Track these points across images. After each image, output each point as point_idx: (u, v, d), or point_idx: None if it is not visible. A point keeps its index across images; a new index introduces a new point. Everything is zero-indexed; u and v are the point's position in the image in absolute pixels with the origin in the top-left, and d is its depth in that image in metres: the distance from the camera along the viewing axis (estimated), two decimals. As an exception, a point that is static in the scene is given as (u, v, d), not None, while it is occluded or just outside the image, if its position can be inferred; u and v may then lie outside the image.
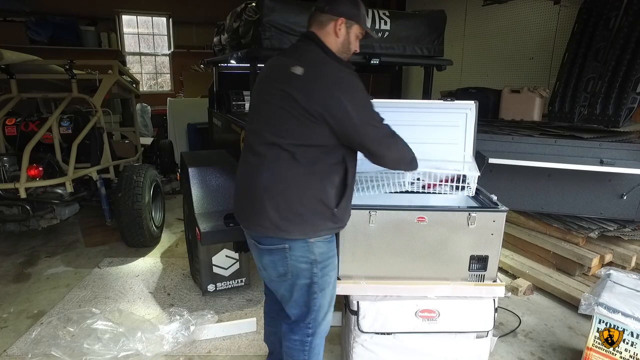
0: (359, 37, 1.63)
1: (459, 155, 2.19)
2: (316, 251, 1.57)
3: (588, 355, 2.05)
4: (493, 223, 1.80)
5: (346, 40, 1.59)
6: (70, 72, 3.62)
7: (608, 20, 3.44)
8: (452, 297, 1.88)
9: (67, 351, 2.25)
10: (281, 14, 2.38)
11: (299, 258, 1.56)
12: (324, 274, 1.61)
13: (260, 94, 1.60)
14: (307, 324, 1.66)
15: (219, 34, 3.40)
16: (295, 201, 1.49)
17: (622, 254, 2.91)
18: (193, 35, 7.70)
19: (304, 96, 1.43)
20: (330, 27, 1.55)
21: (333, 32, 1.56)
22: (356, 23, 1.58)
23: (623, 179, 2.91)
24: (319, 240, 1.56)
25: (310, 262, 1.57)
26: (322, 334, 1.72)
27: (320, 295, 1.62)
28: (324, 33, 1.56)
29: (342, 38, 1.58)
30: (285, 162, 1.48)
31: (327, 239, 1.60)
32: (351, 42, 1.60)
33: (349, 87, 1.46)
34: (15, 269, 3.30)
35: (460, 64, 5.35)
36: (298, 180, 1.48)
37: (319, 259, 1.58)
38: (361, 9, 1.59)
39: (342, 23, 1.55)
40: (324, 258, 1.59)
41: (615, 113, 3.23)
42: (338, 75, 1.47)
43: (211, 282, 2.76)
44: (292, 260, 1.56)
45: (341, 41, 1.58)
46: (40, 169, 3.09)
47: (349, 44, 1.60)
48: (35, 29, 6.55)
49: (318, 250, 1.57)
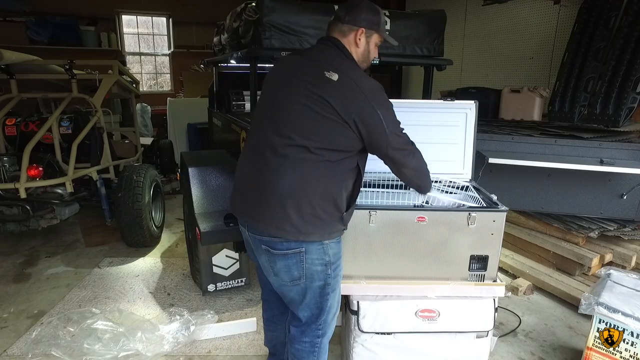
0: (377, 45, 1.66)
1: (459, 155, 2.19)
2: (330, 252, 1.58)
3: (588, 355, 2.06)
4: (493, 223, 1.80)
5: (366, 49, 1.62)
6: (70, 72, 3.62)
7: (608, 20, 3.43)
8: (452, 297, 1.88)
9: (67, 351, 2.25)
10: (281, 14, 2.37)
11: (315, 260, 1.55)
12: (336, 274, 1.63)
13: (288, 94, 1.53)
14: (318, 325, 1.67)
15: (218, 33, 3.40)
16: (318, 204, 1.48)
17: (622, 253, 2.91)
18: (193, 35, 7.70)
19: (340, 102, 1.45)
20: (351, 37, 1.58)
21: (354, 41, 1.59)
22: (376, 32, 1.60)
23: (623, 179, 2.91)
24: (332, 242, 1.58)
25: (325, 264, 1.57)
26: (330, 333, 1.74)
27: (332, 296, 1.64)
28: (346, 42, 1.59)
29: (362, 48, 1.61)
30: (311, 164, 1.47)
31: (338, 240, 1.62)
32: (370, 51, 1.63)
33: (383, 99, 1.51)
34: (15, 269, 3.30)
35: (460, 64, 5.35)
36: (321, 183, 1.48)
37: (332, 260, 1.59)
38: (381, 16, 1.60)
39: (362, 33, 1.57)
40: (336, 258, 1.61)
41: (615, 113, 3.23)
42: (372, 85, 1.50)
43: (211, 282, 2.76)
44: (308, 263, 1.54)
45: (361, 51, 1.61)
46: (40, 169, 3.09)
47: (369, 53, 1.63)
48: (35, 29, 6.55)
49: (332, 251, 1.58)
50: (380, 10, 1.62)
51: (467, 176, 2.20)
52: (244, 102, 3.72)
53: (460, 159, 2.19)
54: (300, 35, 2.41)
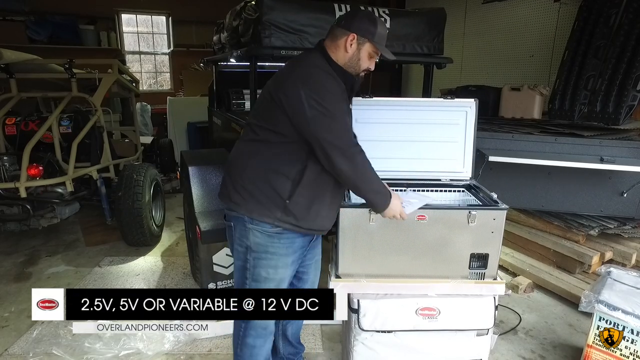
0: (373, 56, 1.62)
1: (459, 154, 2.19)
2: (251, 239, 1.59)
3: (588, 353, 2.06)
4: (493, 221, 1.80)
5: (355, 56, 1.58)
6: (69, 72, 3.62)
7: (608, 18, 3.43)
8: (452, 295, 1.88)
9: (68, 350, 2.26)
10: (281, 12, 2.37)
11: (237, 240, 1.64)
12: (257, 266, 1.62)
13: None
14: None
15: (218, 32, 3.39)
16: (249, 178, 1.58)
17: (622, 251, 2.91)
18: (193, 34, 7.68)
19: (275, 84, 1.55)
20: (341, 41, 1.57)
21: (343, 46, 1.57)
22: (369, 42, 1.57)
23: (623, 177, 2.91)
24: (258, 229, 1.58)
25: (245, 247, 1.62)
26: (257, 332, 1.70)
27: (252, 285, 1.65)
28: (334, 45, 1.59)
29: (351, 54, 1.58)
30: (251, 142, 1.61)
31: (269, 232, 1.58)
32: (361, 59, 1.60)
33: (314, 83, 1.49)
34: (16, 269, 3.31)
35: (460, 62, 5.34)
36: (256, 159, 1.57)
37: (253, 248, 1.60)
38: (378, 28, 1.58)
39: (353, 39, 1.56)
40: (259, 249, 1.60)
41: (616, 111, 3.22)
42: (310, 71, 1.52)
43: (212, 281, 2.76)
44: (234, 239, 1.65)
45: (349, 56, 1.59)
46: (40, 169, 3.09)
47: (358, 61, 1.60)
48: (35, 28, 6.54)
49: (254, 238, 1.59)
50: (381, 23, 1.60)
51: (467, 174, 2.20)
52: (243, 101, 3.72)
53: (461, 157, 2.19)
54: (300, 33, 2.41)
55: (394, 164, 2.13)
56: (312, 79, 1.50)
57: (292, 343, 2.03)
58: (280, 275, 1.66)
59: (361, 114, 2.11)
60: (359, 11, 1.68)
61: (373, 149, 1.68)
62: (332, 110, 1.48)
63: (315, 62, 1.57)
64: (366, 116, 2.12)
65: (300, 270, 1.83)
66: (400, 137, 2.15)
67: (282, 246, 1.62)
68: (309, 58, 1.61)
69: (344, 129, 1.52)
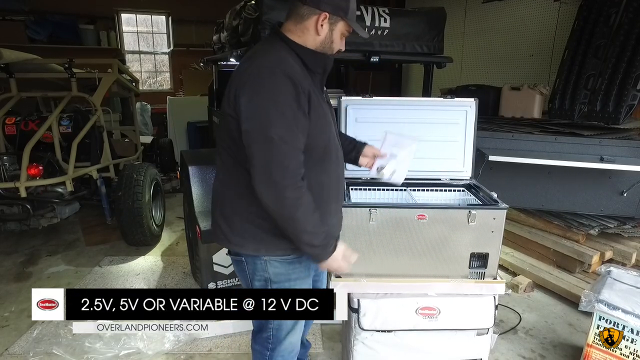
0: (345, 35, 1.39)
1: (459, 153, 2.19)
2: (271, 270, 1.43)
3: (588, 352, 2.06)
4: (493, 221, 1.80)
5: (328, 38, 1.35)
6: (69, 71, 3.62)
7: (608, 17, 3.43)
8: (452, 295, 1.88)
9: (68, 350, 2.26)
10: (281, 12, 2.36)
11: (253, 274, 1.47)
12: None
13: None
14: (266, 338, 1.56)
15: (218, 32, 3.39)
16: (242, 215, 1.38)
17: (622, 251, 2.91)
18: (192, 33, 7.69)
19: (228, 91, 1.33)
20: (310, 22, 1.32)
21: (313, 28, 1.32)
22: (342, 19, 1.33)
23: (623, 176, 2.91)
24: (275, 259, 1.42)
25: (265, 280, 1.46)
26: (285, 353, 1.60)
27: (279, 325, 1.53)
28: (300, 28, 1.33)
29: (324, 36, 1.34)
30: (229, 167, 1.38)
31: (285, 259, 1.44)
32: (334, 41, 1.36)
33: (259, 86, 1.25)
34: (16, 268, 3.31)
35: (460, 62, 5.33)
36: (241, 189, 1.34)
37: (274, 279, 1.45)
38: (350, 2, 1.34)
39: (325, 19, 1.31)
40: (280, 279, 1.45)
41: (616, 110, 3.22)
42: (262, 73, 1.26)
43: (212, 281, 2.76)
44: (250, 274, 1.48)
45: (321, 39, 1.34)
46: (40, 168, 3.10)
47: (332, 43, 1.36)
48: (35, 27, 6.54)
49: (273, 270, 1.43)
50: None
51: (467, 174, 2.20)
52: (244, 101, 3.72)
53: (461, 156, 2.19)
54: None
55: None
56: (258, 79, 1.26)
57: (303, 342, 1.92)
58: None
59: (361, 114, 2.12)
60: None
61: (373, 148, 1.67)
62: (275, 131, 1.22)
63: (271, 57, 1.30)
64: (366, 116, 2.12)
65: (314, 279, 1.72)
66: (400, 136, 2.15)
67: (303, 268, 1.49)
68: (265, 51, 1.34)
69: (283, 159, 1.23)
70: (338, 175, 1.50)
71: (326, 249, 1.37)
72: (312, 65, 1.36)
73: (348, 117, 2.11)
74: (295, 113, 1.25)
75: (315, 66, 1.37)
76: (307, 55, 1.35)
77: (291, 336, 1.58)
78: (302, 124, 1.27)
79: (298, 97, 1.25)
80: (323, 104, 1.40)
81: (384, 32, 2.68)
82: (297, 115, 1.25)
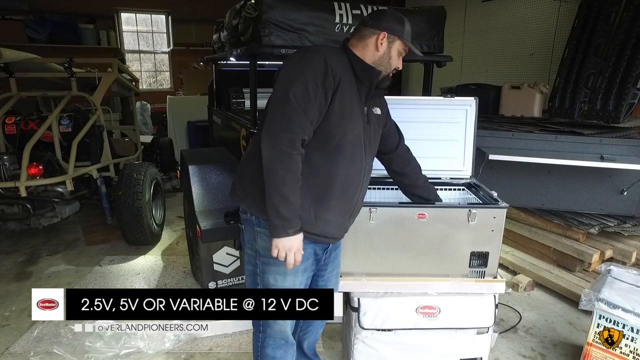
0: (401, 54, 1.60)
1: (459, 152, 2.19)
2: (259, 242, 1.55)
3: (588, 351, 2.06)
4: (493, 219, 1.80)
5: (386, 55, 1.56)
6: (69, 71, 3.61)
7: (608, 16, 3.42)
8: (452, 294, 1.88)
9: (69, 349, 2.26)
10: (280, 11, 2.36)
11: (247, 243, 1.60)
12: (265, 272, 1.56)
13: None
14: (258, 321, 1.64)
15: (218, 31, 3.38)
16: (251, 176, 1.53)
17: (622, 249, 2.91)
18: (192, 32, 7.68)
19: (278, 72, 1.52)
20: (371, 41, 1.54)
21: (374, 45, 1.54)
22: (399, 39, 1.56)
23: (623, 175, 2.91)
24: (266, 232, 1.49)
25: (254, 250, 1.57)
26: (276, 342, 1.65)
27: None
28: (361, 45, 1.56)
29: (382, 52, 1.55)
30: (256, 136, 1.54)
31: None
32: (392, 58, 1.57)
33: (298, 61, 1.45)
34: (16, 268, 3.31)
35: (460, 60, 5.33)
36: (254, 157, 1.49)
37: (261, 252, 1.55)
38: (405, 26, 1.57)
39: (384, 37, 1.53)
40: (267, 254, 1.50)
41: (616, 109, 3.22)
42: (305, 52, 1.47)
43: (212, 280, 2.76)
44: (245, 239, 1.61)
45: (380, 55, 1.56)
46: (40, 168, 3.09)
47: (389, 59, 1.57)
48: (34, 27, 6.53)
49: (261, 242, 1.54)
50: (407, 22, 1.59)
51: (468, 173, 2.20)
52: (243, 100, 3.71)
53: (461, 155, 2.19)
54: (300, 32, 2.40)
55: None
56: (300, 58, 1.45)
57: (307, 355, 1.94)
58: (289, 284, 1.56)
59: (361, 113, 2.11)
60: (386, 10, 1.63)
61: (373, 147, 1.66)
62: (293, 91, 1.38)
63: (323, 47, 1.55)
64: (366, 115, 2.12)
65: (321, 284, 1.74)
66: (400, 135, 2.15)
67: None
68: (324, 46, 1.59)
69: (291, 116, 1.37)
70: (349, 175, 1.54)
71: (287, 225, 1.39)
72: (360, 73, 1.54)
73: (348, 116, 2.11)
74: (316, 86, 1.39)
75: (362, 75, 1.54)
76: (358, 63, 1.54)
77: (278, 323, 1.63)
78: (320, 100, 1.41)
79: (325, 75, 1.41)
80: (355, 106, 1.52)
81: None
82: (317, 89, 1.39)
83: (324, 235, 1.55)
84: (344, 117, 1.47)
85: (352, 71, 1.53)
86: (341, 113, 1.46)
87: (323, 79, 1.40)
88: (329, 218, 1.53)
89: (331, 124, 1.45)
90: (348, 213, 1.60)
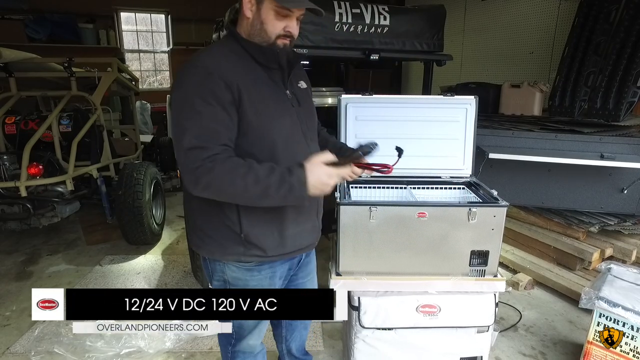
0: (285, 15, 1.24)
1: (459, 151, 2.18)
2: (229, 273, 1.40)
3: (589, 349, 2.06)
4: (494, 218, 1.80)
5: (256, 20, 1.24)
6: (69, 70, 3.61)
7: (608, 14, 3.42)
8: (453, 292, 1.88)
9: (69, 348, 2.26)
10: (280, 10, 2.36)
11: (213, 275, 1.45)
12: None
13: None
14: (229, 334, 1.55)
15: (217, 30, 3.38)
16: (198, 214, 1.36)
17: (622, 248, 2.91)
18: (192, 32, 7.68)
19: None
20: (243, 9, 1.26)
21: (244, 13, 1.25)
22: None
23: (623, 173, 2.91)
24: (232, 264, 1.37)
25: (223, 281, 1.42)
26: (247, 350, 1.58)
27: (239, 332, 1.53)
28: (239, 19, 1.29)
29: (252, 17, 1.24)
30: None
31: (244, 266, 1.38)
32: (265, 21, 1.23)
33: (178, 83, 1.21)
34: (16, 267, 3.31)
35: (460, 59, 5.33)
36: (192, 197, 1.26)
37: (232, 282, 1.41)
38: None
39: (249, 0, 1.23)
40: (238, 284, 1.40)
41: (616, 107, 3.22)
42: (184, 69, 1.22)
43: (212, 279, 2.77)
44: (210, 273, 1.47)
45: (250, 22, 1.25)
46: (40, 167, 3.09)
47: (262, 25, 1.24)
48: (34, 27, 6.54)
49: (231, 273, 1.40)
50: None
51: (468, 172, 2.19)
52: (243, 99, 3.72)
53: (461, 154, 2.19)
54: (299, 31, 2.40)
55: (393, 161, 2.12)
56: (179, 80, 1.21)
57: (298, 357, 1.92)
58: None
59: (361, 112, 2.11)
60: None
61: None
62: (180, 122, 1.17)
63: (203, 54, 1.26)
64: (366, 114, 2.12)
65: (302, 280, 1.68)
66: (400, 134, 2.14)
67: (264, 277, 1.42)
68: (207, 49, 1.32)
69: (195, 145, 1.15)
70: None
71: (293, 190, 1.17)
72: (263, 60, 1.27)
73: (348, 116, 2.11)
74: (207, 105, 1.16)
75: (266, 60, 1.28)
76: (254, 49, 1.27)
77: (250, 338, 1.56)
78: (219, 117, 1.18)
79: (214, 90, 1.17)
80: (274, 99, 1.29)
81: (383, 30, 2.68)
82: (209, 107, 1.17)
83: (298, 249, 1.46)
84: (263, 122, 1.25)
85: (252, 59, 1.27)
86: (259, 119, 1.24)
87: (213, 93, 1.17)
88: (296, 230, 1.40)
89: (254, 132, 1.24)
90: (314, 214, 1.47)
